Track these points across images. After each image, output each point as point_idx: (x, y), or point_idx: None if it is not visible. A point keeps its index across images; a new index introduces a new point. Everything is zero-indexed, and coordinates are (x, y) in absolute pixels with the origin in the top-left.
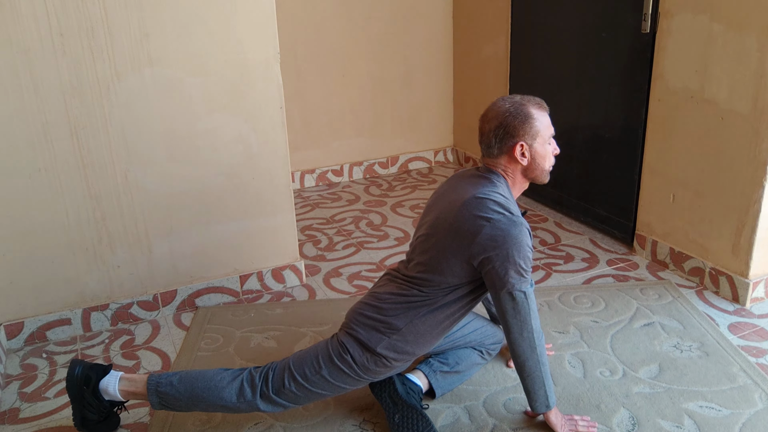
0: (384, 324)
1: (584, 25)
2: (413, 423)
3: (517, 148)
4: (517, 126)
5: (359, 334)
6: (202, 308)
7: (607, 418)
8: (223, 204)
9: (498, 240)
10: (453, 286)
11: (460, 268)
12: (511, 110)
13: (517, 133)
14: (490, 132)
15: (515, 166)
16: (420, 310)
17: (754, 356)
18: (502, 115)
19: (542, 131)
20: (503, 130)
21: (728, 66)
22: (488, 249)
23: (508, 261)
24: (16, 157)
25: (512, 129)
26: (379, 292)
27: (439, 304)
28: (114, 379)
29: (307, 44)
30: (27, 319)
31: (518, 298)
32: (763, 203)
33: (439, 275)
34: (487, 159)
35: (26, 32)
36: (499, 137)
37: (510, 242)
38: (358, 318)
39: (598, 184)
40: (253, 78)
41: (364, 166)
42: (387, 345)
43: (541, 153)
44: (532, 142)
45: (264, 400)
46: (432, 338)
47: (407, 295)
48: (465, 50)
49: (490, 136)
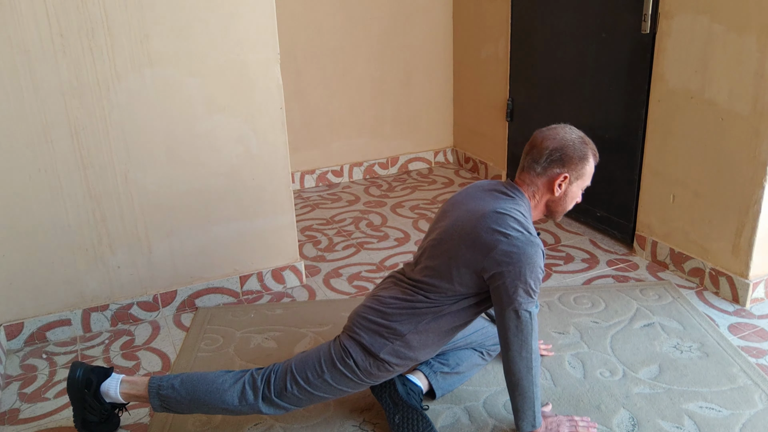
0: (388, 329)
1: (584, 26)
2: (413, 423)
3: (560, 178)
4: (574, 159)
5: (362, 338)
6: (202, 309)
7: (607, 418)
8: (223, 204)
9: (512, 257)
10: (459, 295)
11: (469, 278)
12: (576, 143)
13: (569, 164)
14: (546, 150)
15: (546, 192)
16: (425, 316)
17: (754, 357)
18: (565, 142)
19: (586, 177)
20: (559, 155)
21: (728, 66)
22: (501, 264)
23: (519, 279)
24: (16, 157)
25: (568, 159)
26: (383, 296)
27: (444, 312)
28: (115, 382)
29: (307, 44)
30: (27, 320)
31: (523, 317)
32: (763, 203)
33: (446, 282)
34: (523, 174)
35: (26, 32)
36: (552, 159)
37: (524, 261)
38: (361, 322)
39: (598, 185)
40: (253, 78)
41: (364, 167)
42: (390, 351)
43: (573, 194)
44: (574, 180)
45: (266, 402)
46: (435, 345)
47: (412, 301)
48: (465, 50)
49: (543, 154)
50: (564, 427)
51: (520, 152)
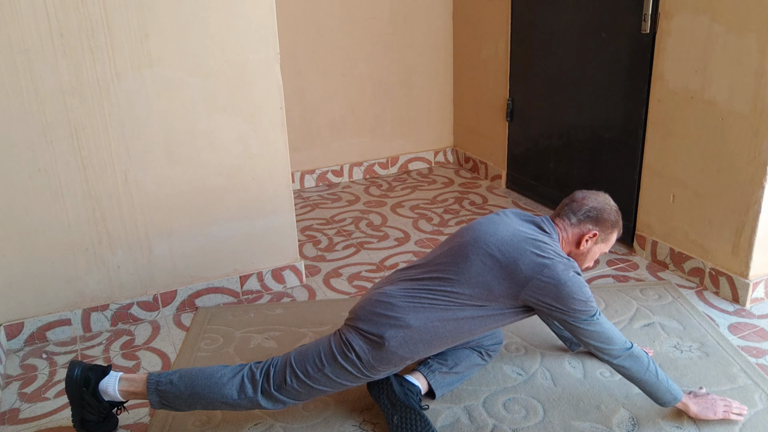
0: (396, 320)
1: (584, 26)
2: (412, 424)
3: (589, 234)
4: (606, 223)
5: (368, 330)
6: (202, 309)
7: (607, 418)
8: (223, 204)
9: (552, 285)
10: (478, 304)
11: (500, 294)
12: (612, 211)
13: (601, 225)
14: (586, 206)
15: (572, 244)
16: (437, 312)
17: (754, 357)
18: (604, 206)
19: (609, 243)
20: (596, 214)
21: (728, 66)
22: (546, 292)
23: (569, 302)
24: (16, 157)
25: (602, 221)
26: (391, 290)
27: (460, 315)
28: (113, 379)
29: (307, 44)
30: (27, 320)
31: (595, 324)
32: (763, 204)
33: (468, 287)
34: (557, 219)
35: (26, 32)
36: (589, 216)
37: (567, 283)
38: (367, 315)
39: (598, 185)
40: (253, 78)
41: (364, 167)
42: (398, 342)
43: (593, 254)
44: (599, 241)
45: (265, 396)
46: (443, 344)
47: (427, 297)
48: (465, 50)
49: (582, 208)
50: (719, 407)
51: (520, 152)
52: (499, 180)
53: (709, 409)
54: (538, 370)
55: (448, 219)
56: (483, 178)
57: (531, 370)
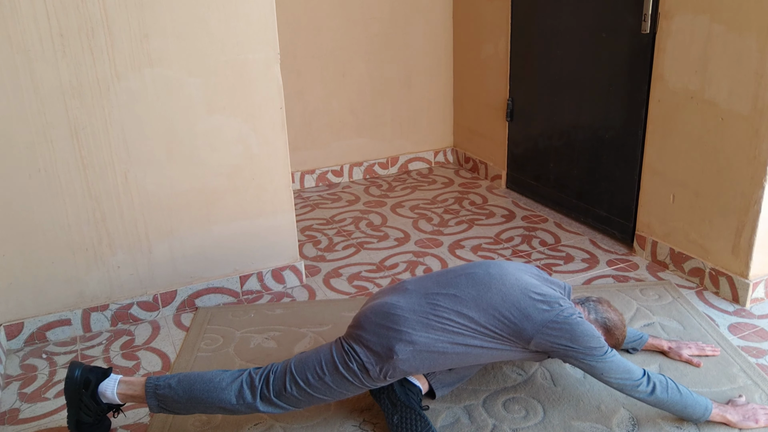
0: (403, 334)
1: (584, 26)
2: (412, 424)
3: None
4: (612, 338)
5: (373, 342)
6: (202, 309)
7: (607, 418)
8: (223, 204)
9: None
10: (490, 336)
11: (508, 341)
12: (621, 335)
13: (610, 336)
14: (607, 314)
15: None
16: (452, 336)
17: (754, 357)
18: (620, 326)
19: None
20: (610, 326)
21: (728, 66)
22: (561, 334)
23: (585, 338)
24: (16, 157)
25: (610, 334)
26: (396, 302)
27: (471, 342)
28: (113, 382)
29: (307, 44)
30: (27, 320)
31: (611, 360)
32: (763, 204)
33: (484, 318)
34: (578, 304)
35: (26, 32)
36: (605, 323)
37: (580, 324)
38: (372, 326)
39: (598, 185)
40: (253, 78)
41: (364, 167)
42: (408, 355)
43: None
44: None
45: (264, 402)
46: (448, 364)
47: (439, 317)
48: (465, 50)
49: (603, 314)
50: (761, 416)
51: (520, 152)
52: (499, 180)
53: (750, 419)
54: (538, 370)
55: (448, 219)
56: (483, 178)
57: (531, 370)
